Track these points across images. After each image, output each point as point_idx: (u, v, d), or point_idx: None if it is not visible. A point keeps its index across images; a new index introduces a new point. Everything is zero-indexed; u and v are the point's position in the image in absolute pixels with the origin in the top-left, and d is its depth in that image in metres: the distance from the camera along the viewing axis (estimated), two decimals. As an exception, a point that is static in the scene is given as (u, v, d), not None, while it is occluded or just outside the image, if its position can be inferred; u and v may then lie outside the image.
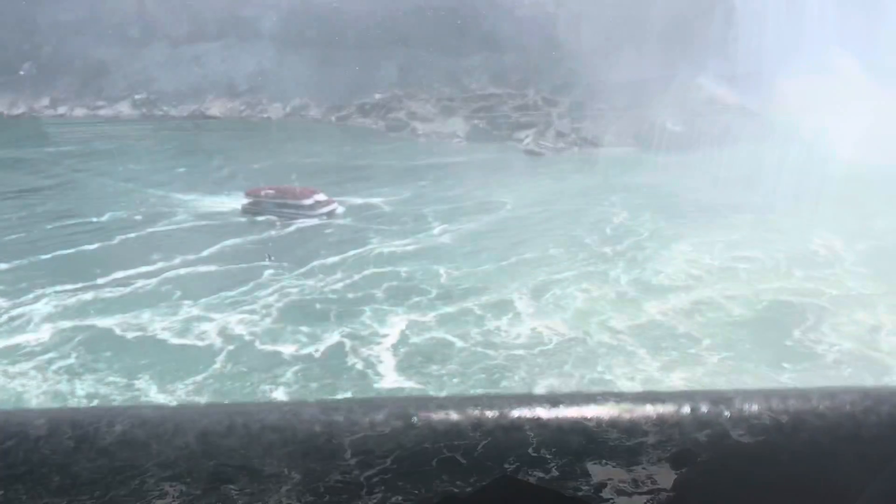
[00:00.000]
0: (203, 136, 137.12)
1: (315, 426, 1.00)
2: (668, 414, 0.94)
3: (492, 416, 0.95)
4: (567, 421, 0.96)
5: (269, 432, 0.95)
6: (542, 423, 0.94)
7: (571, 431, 0.93)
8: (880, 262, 72.95)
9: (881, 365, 55.03)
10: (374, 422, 1.00)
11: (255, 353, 55.81)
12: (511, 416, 0.97)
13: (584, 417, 0.94)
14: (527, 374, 55.84)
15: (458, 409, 1.00)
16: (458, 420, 0.96)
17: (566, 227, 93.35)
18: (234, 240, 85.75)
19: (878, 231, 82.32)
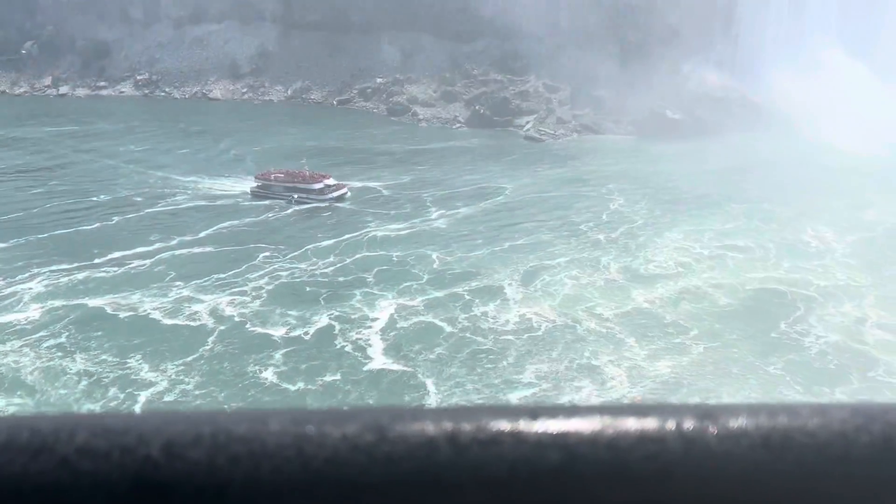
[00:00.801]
0: (205, 118, 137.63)
1: (284, 437, 1.14)
2: (651, 429, 1.07)
3: (469, 429, 1.10)
4: (547, 435, 1.09)
5: (237, 444, 1.09)
6: (519, 439, 1.06)
7: (551, 446, 1.04)
8: (869, 253, 73.17)
9: (866, 357, 55.26)
10: (346, 434, 1.14)
11: (245, 334, 56.57)
12: (489, 429, 1.10)
13: (565, 431, 1.09)
14: (515, 360, 56.48)
15: (434, 421, 1.13)
16: (434, 434, 1.09)
17: (563, 214, 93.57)
18: (231, 221, 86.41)
19: (868, 222, 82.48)
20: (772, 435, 1.21)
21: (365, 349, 55.67)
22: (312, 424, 1.27)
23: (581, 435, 1.22)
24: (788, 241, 77.41)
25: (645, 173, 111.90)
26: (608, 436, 1.21)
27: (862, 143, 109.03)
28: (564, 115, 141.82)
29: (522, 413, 1.27)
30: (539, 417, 1.26)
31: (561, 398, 52.55)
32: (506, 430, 1.24)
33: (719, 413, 1.25)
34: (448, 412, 1.28)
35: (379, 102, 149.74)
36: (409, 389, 53.48)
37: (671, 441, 1.20)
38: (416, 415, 1.28)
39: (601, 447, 1.20)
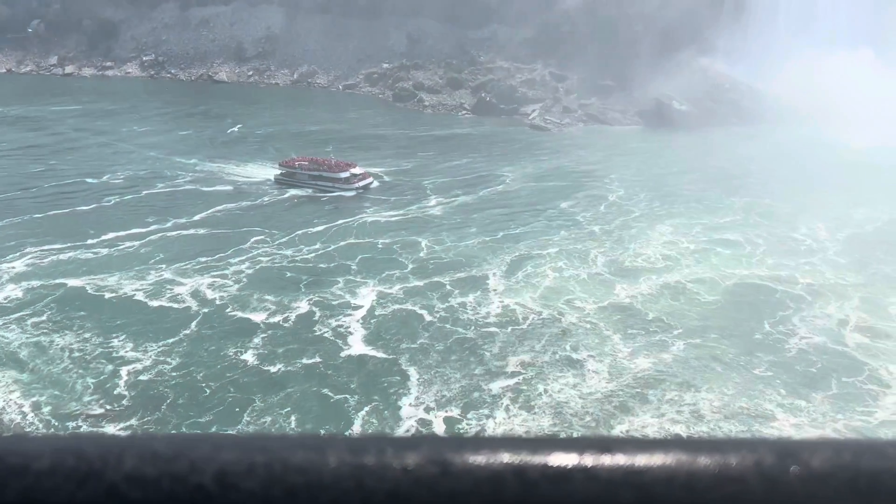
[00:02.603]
0: (210, 101, 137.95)
1: (343, 468, 1.03)
2: (729, 468, 0.94)
3: (537, 463, 0.99)
4: (619, 472, 0.96)
5: (294, 474, 1.00)
6: (591, 475, 0.95)
7: (624, 485, 0.93)
8: (858, 251, 72.20)
9: (850, 361, 54.43)
10: (408, 466, 1.02)
11: (226, 317, 56.87)
12: (558, 464, 0.98)
13: (639, 468, 0.97)
14: (496, 351, 56.42)
15: (499, 452, 1.02)
16: (500, 468, 0.99)
17: (561, 204, 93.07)
18: (227, 205, 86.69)
19: (858, 220, 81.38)
20: (859, 477, 1.11)
21: (345, 336, 55.80)
22: (372, 452, 1.18)
23: (656, 473, 1.13)
24: (780, 237, 76.54)
25: (648, 165, 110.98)
26: (684, 474, 1.12)
27: (870, 137, 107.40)
28: (571, 104, 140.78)
29: (593, 446, 1.19)
30: (610, 451, 1.17)
31: (540, 389, 52.49)
32: (576, 465, 1.16)
33: (801, 450, 1.16)
34: (514, 442, 1.20)
35: (385, 88, 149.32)
36: (391, 376, 53.63)
37: (752, 481, 1.12)
38: (480, 444, 1.19)
39: (677, 487, 1.11)
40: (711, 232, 78.50)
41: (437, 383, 52.94)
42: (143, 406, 48.42)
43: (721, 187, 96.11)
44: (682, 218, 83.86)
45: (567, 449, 1.19)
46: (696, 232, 78.67)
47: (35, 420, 46.94)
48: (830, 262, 69.69)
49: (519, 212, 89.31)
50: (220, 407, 48.92)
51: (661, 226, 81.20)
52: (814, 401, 49.62)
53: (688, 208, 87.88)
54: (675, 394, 50.84)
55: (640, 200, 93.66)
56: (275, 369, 52.17)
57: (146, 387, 50.21)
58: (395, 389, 52.37)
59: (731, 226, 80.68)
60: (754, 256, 71.37)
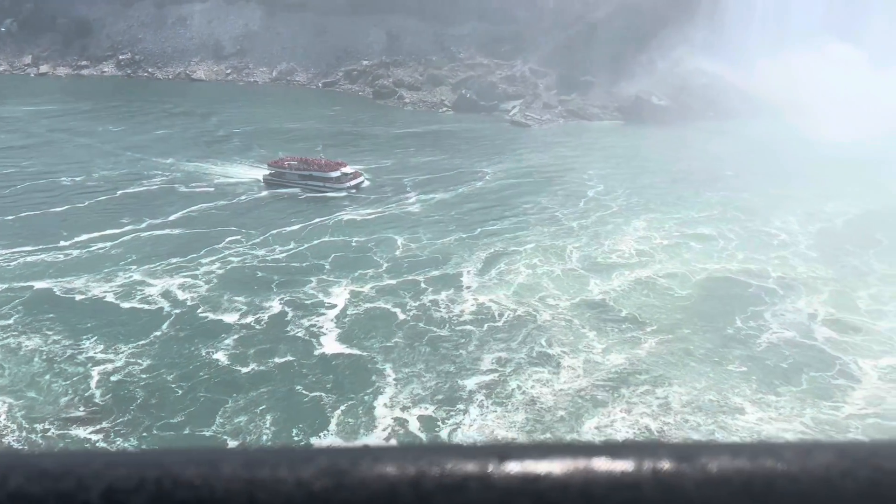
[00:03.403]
0: (188, 99, 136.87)
1: (234, 483, 0.96)
2: (625, 473, 0.89)
3: (433, 474, 0.92)
4: (516, 480, 0.91)
5: (184, 490, 0.92)
6: (486, 484, 0.89)
7: (520, 494, 0.87)
8: (829, 245, 72.76)
9: (820, 355, 54.71)
10: (301, 479, 0.95)
11: (197, 318, 56.46)
12: (455, 474, 0.92)
13: (536, 475, 0.91)
14: (472, 349, 56.41)
15: (396, 462, 0.94)
16: (395, 479, 0.91)
17: (540, 200, 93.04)
18: (203, 205, 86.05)
19: (829, 213, 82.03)
20: (753, 480, 1.12)
21: (318, 335, 55.58)
22: (266, 466, 1.15)
23: (552, 480, 1.12)
24: (754, 231, 76.98)
25: (628, 160, 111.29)
26: (580, 481, 1.12)
27: (848, 131, 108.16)
28: (551, 100, 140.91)
29: (491, 454, 1.17)
30: (508, 459, 1.16)
31: (514, 385, 52.51)
32: (473, 473, 1.14)
33: (698, 454, 1.16)
34: (412, 452, 1.19)
35: (365, 85, 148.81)
36: (366, 374, 53.48)
37: (647, 487, 1.11)
38: (378, 455, 1.18)
39: (574, 494, 1.11)
40: (685, 227, 78.82)
41: (413, 381, 52.86)
42: (115, 408, 48.05)
43: (699, 182, 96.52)
44: (657, 213, 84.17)
45: (464, 457, 1.18)
46: (670, 227, 78.98)
47: (9, 423, 46.44)
48: (802, 256, 70.15)
49: (498, 208, 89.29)
50: (192, 407, 48.63)
51: (636, 221, 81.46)
52: (783, 395, 49.94)
53: (664, 203, 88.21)
54: (646, 388, 51.05)
55: (619, 196, 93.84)
56: (247, 369, 51.90)
57: (118, 388, 49.83)
58: (370, 388, 52.23)
59: (706, 220, 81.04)
60: (726, 251, 71.74)
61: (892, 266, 68.07)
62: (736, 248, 72.58)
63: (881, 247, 72.59)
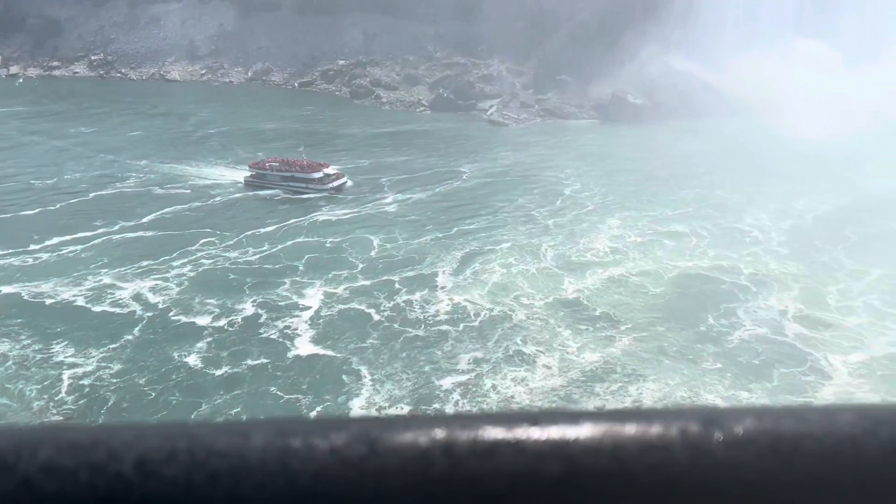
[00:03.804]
0: (162, 100, 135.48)
1: (268, 452, 0.95)
2: (655, 437, 0.91)
3: (465, 439, 0.92)
4: (547, 445, 0.92)
5: (217, 459, 0.91)
6: (518, 449, 0.90)
7: (552, 457, 0.88)
8: (799, 241, 73.69)
9: (792, 351, 55.31)
10: (335, 447, 0.95)
11: (169, 322, 55.98)
12: (487, 439, 0.93)
13: (566, 440, 0.91)
14: (447, 348, 56.47)
15: (428, 430, 0.95)
16: (428, 445, 0.92)
17: (517, 198, 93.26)
18: (177, 206, 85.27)
19: (800, 210, 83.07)
20: (780, 441, 1.17)
21: (293, 337, 55.33)
22: (298, 435, 1.18)
23: (583, 444, 1.16)
24: (727, 229, 77.79)
25: (604, 158, 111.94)
26: (610, 444, 1.16)
27: (819, 128, 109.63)
28: (528, 99, 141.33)
29: (522, 420, 1.21)
30: (538, 424, 1.20)
31: (489, 385, 52.67)
32: (504, 439, 1.17)
33: (725, 418, 1.21)
34: (442, 420, 1.22)
35: (341, 85, 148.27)
36: (342, 375, 53.38)
37: (676, 449, 1.15)
38: (409, 424, 1.21)
39: (604, 457, 1.15)
40: (658, 224, 79.43)
41: (389, 382, 52.83)
42: (88, 412, 47.57)
43: (673, 180, 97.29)
44: (632, 210, 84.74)
45: (495, 423, 1.20)
46: (644, 225, 79.56)
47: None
48: (773, 253, 70.97)
49: (475, 207, 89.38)
50: (165, 410, 48.24)
51: (611, 219, 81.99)
52: (755, 392, 50.52)
53: (639, 201, 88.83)
54: (620, 385, 51.45)
55: (594, 194, 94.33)
56: (220, 372, 51.56)
57: (89, 392, 49.34)
58: (346, 389, 52.14)
59: (680, 218, 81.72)
60: (699, 248, 72.43)
61: (860, 262, 69.11)
62: (708, 245, 73.26)
63: (850, 243, 73.68)
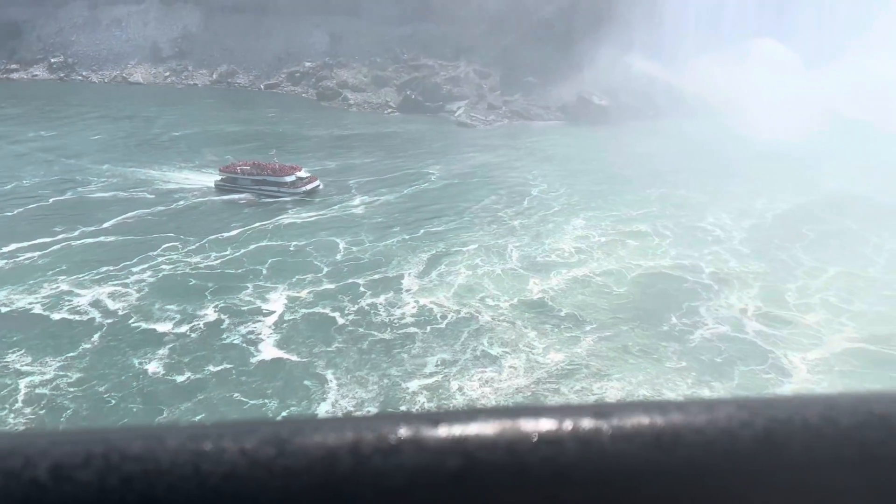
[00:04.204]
0: (125, 103, 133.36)
1: (181, 455, 0.91)
2: (548, 431, 0.90)
3: (370, 439, 0.89)
4: (446, 441, 0.91)
5: (130, 463, 0.86)
6: (420, 446, 0.88)
7: (451, 453, 0.87)
8: (759, 240, 74.97)
9: (752, 349, 56.15)
10: (245, 449, 0.91)
11: (129, 329, 55.08)
12: (390, 438, 0.90)
13: (464, 436, 0.89)
14: (412, 351, 56.40)
15: (335, 431, 0.92)
16: (334, 445, 0.89)
17: (486, 199, 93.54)
18: (140, 211, 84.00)
19: (760, 209, 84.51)
20: (663, 433, 1.25)
21: (256, 342, 54.79)
22: (210, 438, 1.22)
23: (480, 440, 1.23)
24: (689, 228, 78.79)
25: (571, 159, 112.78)
26: (507, 439, 1.22)
27: (779, 129, 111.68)
28: (495, 101, 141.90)
29: (424, 420, 1.27)
30: (440, 424, 1.26)
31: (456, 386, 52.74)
32: (407, 437, 1.23)
33: (613, 412, 1.28)
34: (349, 422, 1.28)
35: (308, 87, 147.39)
36: (307, 380, 53.02)
37: (567, 442, 1.23)
38: (318, 426, 1.25)
39: (500, 451, 1.21)
40: (622, 224, 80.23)
41: (355, 385, 52.61)
42: (46, 420, 46.64)
43: (638, 179, 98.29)
44: (597, 211, 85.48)
45: (399, 423, 1.26)
46: (607, 225, 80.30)
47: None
48: (734, 252, 72.06)
49: (442, 209, 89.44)
50: (126, 418, 47.49)
51: (576, 219, 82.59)
52: (717, 390, 51.18)
53: (604, 201, 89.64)
54: (584, 384, 51.84)
55: (561, 195, 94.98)
56: (182, 378, 50.88)
57: (47, 402, 48.37)
58: (312, 393, 51.80)
59: (643, 218, 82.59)
60: (661, 248, 73.27)
61: (817, 259, 70.53)
62: (670, 244, 74.16)
63: (807, 241, 75.14)
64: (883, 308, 61.26)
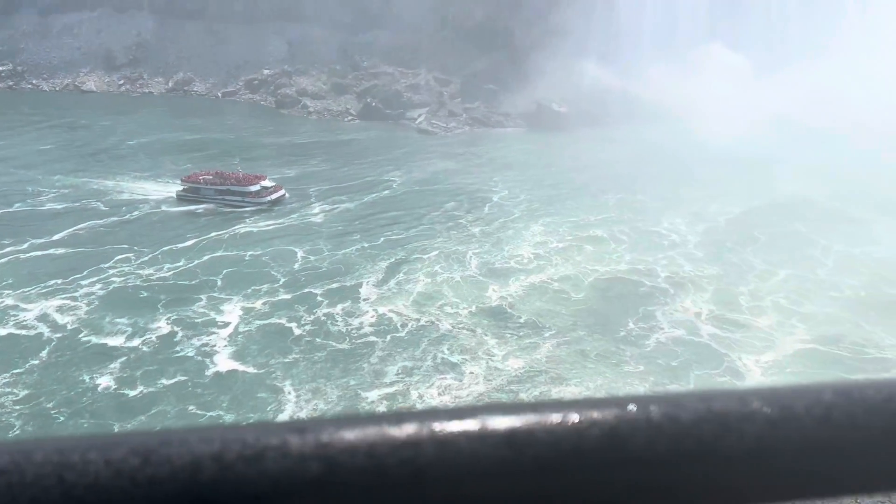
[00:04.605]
0: (78, 112, 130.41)
1: (45, 467, 0.84)
2: (408, 435, 0.87)
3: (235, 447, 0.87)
4: (309, 447, 0.86)
5: None
6: (283, 453, 0.87)
7: (313, 458, 0.85)
8: (712, 244, 76.39)
9: (708, 352, 56.94)
10: (110, 459, 0.85)
11: (78, 343, 53.73)
12: (255, 445, 0.85)
13: (327, 442, 0.87)
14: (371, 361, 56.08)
15: (202, 440, 0.84)
16: (199, 453, 0.84)
17: (446, 207, 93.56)
18: (94, 222, 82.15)
19: (713, 213, 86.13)
20: (516, 433, 1.31)
21: (211, 354, 53.91)
22: (78, 451, 1.24)
23: (343, 444, 1.28)
24: (646, 233, 79.86)
25: (531, 165, 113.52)
26: (367, 444, 1.28)
27: (732, 134, 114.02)
28: (455, 108, 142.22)
29: (289, 428, 1.30)
30: (305, 432, 1.29)
31: (416, 395, 52.57)
32: (270, 444, 1.27)
33: (473, 414, 1.34)
34: (217, 430, 1.30)
35: (266, 94, 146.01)
36: (265, 392, 52.37)
37: (425, 445, 1.28)
38: (185, 436, 1.28)
39: (360, 455, 1.27)
40: (580, 230, 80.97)
41: (314, 396, 52.11)
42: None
43: (596, 185, 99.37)
44: (556, 216, 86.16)
45: (266, 432, 1.29)
46: (565, 230, 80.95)
47: None
48: (689, 256, 73.23)
49: (403, 216, 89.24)
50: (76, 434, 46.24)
51: (535, 225, 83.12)
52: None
53: (564, 207, 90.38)
54: (543, 389, 52.13)
55: (521, 201, 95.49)
56: (135, 392, 49.81)
57: (-8, 421, 46.82)
58: (269, 405, 51.18)
59: (601, 223, 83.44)
60: (617, 253, 74.14)
61: (768, 262, 72.08)
62: (626, 249, 75.08)
63: (759, 244, 76.77)
64: (831, 309, 62.81)
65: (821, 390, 1.41)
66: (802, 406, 1.38)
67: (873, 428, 1.36)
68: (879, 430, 1.36)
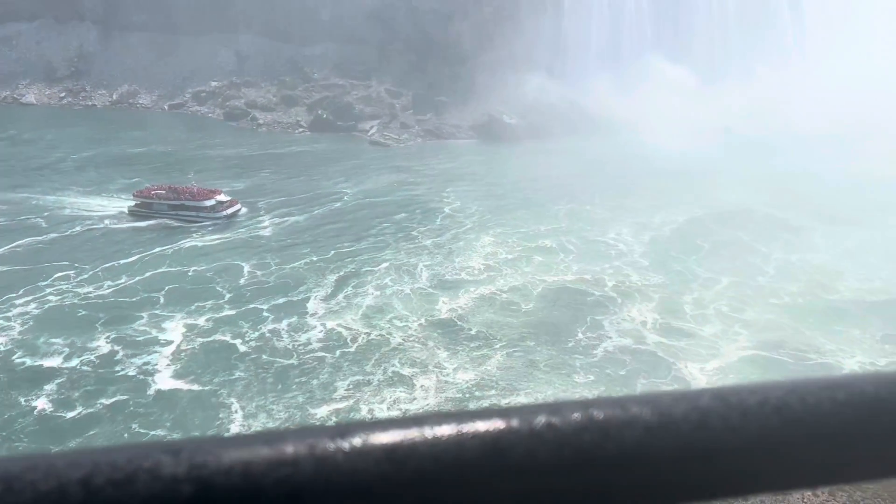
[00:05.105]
0: (16, 125, 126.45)
1: None
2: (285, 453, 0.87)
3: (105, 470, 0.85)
4: (181, 469, 0.85)
5: None
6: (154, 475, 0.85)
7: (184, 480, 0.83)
8: (657, 253, 77.82)
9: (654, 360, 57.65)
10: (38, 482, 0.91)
11: (12, 365, 51.78)
12: (125, 469, 0.83)
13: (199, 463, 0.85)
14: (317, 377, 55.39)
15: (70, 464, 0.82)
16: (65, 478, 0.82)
17: (399, 218, 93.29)
18: (31, 238, 79.55)
19: (658, 222, 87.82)
20: (397, 447, 1.29)
21: (152, 373, 52.53)
22: None
23: (217, 465, 1.24)
24: (593, 242, 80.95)
25: (482, 176, 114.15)
26: (242, 463, 1.25)
27: (678, 145, 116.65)
28: (408, 120, 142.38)
29: (165, 449, 1.27)
30: (179, 452, 1.26)
31: (365, 410, 52.05)
32: (141, 466, 1.23)
33: (353, 431, 1.32)
34: (86, 454, 1.26)
35: (215, 107, 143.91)
36: (210, 410, 51.18)
37: (303, 462, 1.26)
38: (52, 460, 1.24)
39: (235, 476, 1.23)
40: (528, 240, 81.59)
41: (260, 413, 51.18)
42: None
43: (546, 195, 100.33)
44: (506, 227, 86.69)
45: (136, 452, 1.26)
46: (514, 241, 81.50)
47: None
48: (635, 265, 74.39)
49: (354, 229, 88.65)
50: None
51: (486, 237, 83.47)
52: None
53: (514, 217, 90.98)
54: (493, 400, 52.15)
55: (473, 212, 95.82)
56: (73, 413, 48.21)
57: (-82, 449, 44.73)
58: (215, 422, 50.03)
59: (550, 233, 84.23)
60: (564, 263, 74.89)
61: (711, 270, 73.70)
62: (574, 259, 75.90)
63: (702, 252, 78.49)
64: (772, 315, 64.44)
65: (699, 395, 1.42)
66: (680, 412, 1.39)
67: (749, 431, 1.37)
68: (755, 433, 1.38)
